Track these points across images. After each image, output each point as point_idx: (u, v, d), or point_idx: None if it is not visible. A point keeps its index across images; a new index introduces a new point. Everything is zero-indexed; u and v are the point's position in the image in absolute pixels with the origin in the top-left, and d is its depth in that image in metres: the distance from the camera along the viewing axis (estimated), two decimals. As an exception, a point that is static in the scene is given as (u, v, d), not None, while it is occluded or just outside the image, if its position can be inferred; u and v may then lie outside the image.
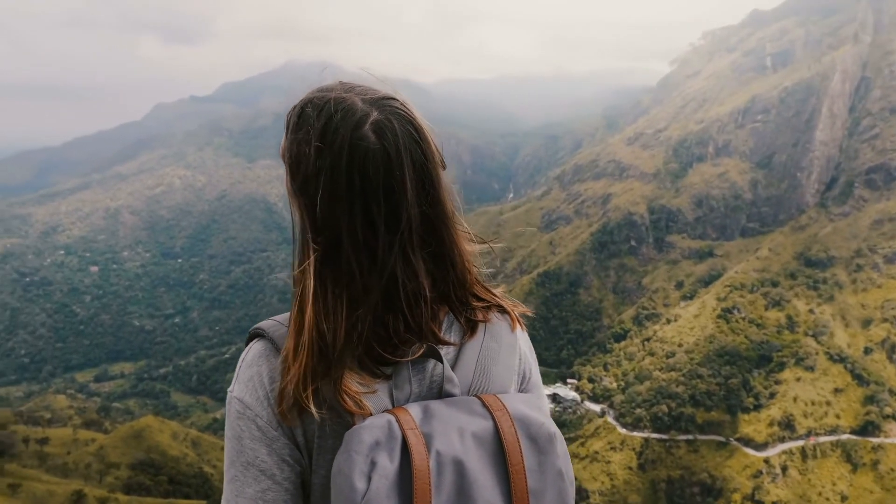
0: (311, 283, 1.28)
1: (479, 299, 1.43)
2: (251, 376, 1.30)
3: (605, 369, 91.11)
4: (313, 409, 1.22)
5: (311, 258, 1.28)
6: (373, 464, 1.12)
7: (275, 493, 1.27)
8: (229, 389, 1.33)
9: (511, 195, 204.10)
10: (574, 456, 76.39)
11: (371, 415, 1.21)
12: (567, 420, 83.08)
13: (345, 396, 1.22)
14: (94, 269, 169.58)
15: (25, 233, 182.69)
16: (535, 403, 1.30)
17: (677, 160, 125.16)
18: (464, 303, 1.39)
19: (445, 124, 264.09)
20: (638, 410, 79.56)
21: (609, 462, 74.72)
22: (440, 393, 1.29)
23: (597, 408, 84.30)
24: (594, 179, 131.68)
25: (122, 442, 56.38)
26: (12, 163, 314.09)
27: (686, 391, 79.88)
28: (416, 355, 1.28)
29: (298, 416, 1.25)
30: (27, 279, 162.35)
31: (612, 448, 76.34)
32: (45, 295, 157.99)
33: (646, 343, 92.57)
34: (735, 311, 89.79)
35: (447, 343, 1.34)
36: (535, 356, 1.54)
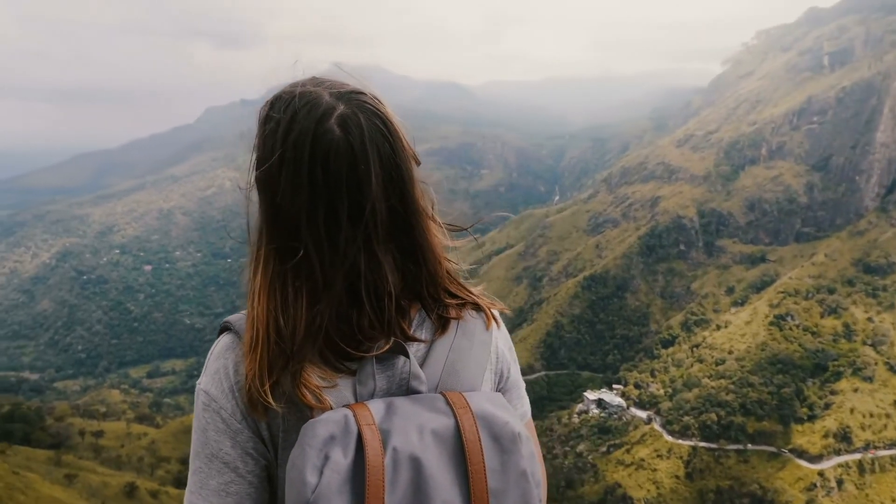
0: (263, 276, 1.27)
1: (453, 296, 1.40)
2: (217, 369, 1.29)
3: (653, 375, 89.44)
4: (271, 403, 1.21)
5: (267, 251, 1.27)
6: (326, 458, 1.11)
7: (238, 485, 1.26)
8: (198, 382, 1.32)
9: (557, 198, 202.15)
10: (619, 463, 75.28)
11: (330, 409, 1.19)
12: (612, 426, 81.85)
13: (304, 390, 1.20)
14: (148, 268, 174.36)
15: (83, 232, 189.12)
16: (502, 402, 1.26)
17: (729, 163, 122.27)
18: (436, 299, 1.37)
19: (491, 126, 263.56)
20: (686, 418, 77.86)
21: (655, 470, 73.30)
22: (408, 390, 1.26)
23: (643, 414, 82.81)
24: (642, 182, 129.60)
25: (172, 437, 57.66)
26: (71, 165, 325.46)
27: (736, 399, 77.86)
28: (382, 351, 1.26)
29: (263, 409, 1.23)
30: (84, 277, 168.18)
31: (658, 456, 74.89)
32: (101, 293, 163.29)
33: (694, 349, 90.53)
34: (789, 319, 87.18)
35: (416, 340, 1.32)
36: (514, 355, 1.51)
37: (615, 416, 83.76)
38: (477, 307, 1.43)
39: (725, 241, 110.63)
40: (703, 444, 74.77)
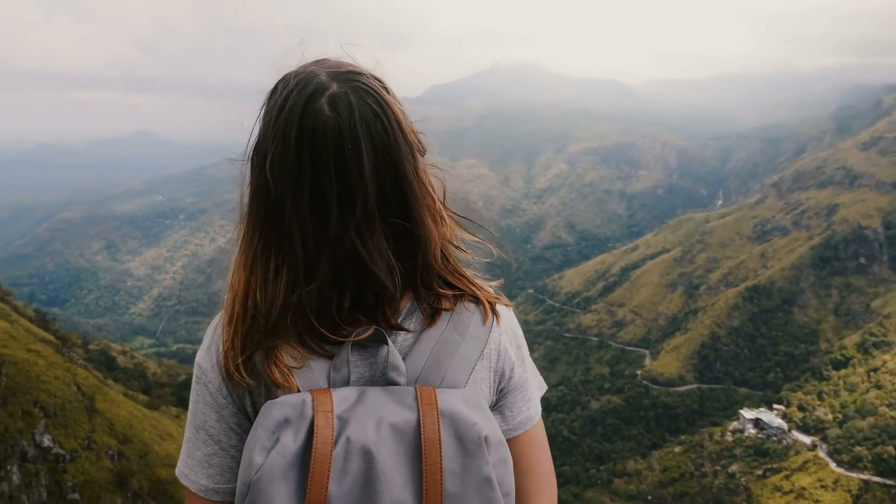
0: (245, 252, 1.26)
1: (452, 287, 1.31)
2: (210, 344, 1.30)
3: (820, 398, 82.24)
4: (243, 378, 1.20)
5: (251, 227, 1.26)
6: (277, 441, 1.09)
7: (220, 458, 1.26)
8: (196, 355, 1.33)
9: (720, 202, 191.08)
10: (776, 489, 70.06)
11: (298, 391, 1.16)
12: (770, 449, 76.28)
13: (273, 368, 1.18)
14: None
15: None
16: (478, 403, 1.18)
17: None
18: (430, 289, 1.29)
19: (651, 126, 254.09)
20: (857, 448, 70.86)
21: (818, 501, 67.33)
22: (387, 380, 1.19)
23: (807, 439, 76.38)
24: (818, 188, 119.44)
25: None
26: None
27: (921, 434, 69.78)
28: (360, 337, 1.21)
29: (240, 384, 1.22)
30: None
31: (822, 486, 68.75)
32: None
33: (872, 374, 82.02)
34: None
35: (402, 329, 1.25)
36: (524, 354, 1.38)
37: (774, 437, 78.05)
38: (477, 300, 1.32)
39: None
40: (876, 478, 67.58)
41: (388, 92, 1.27)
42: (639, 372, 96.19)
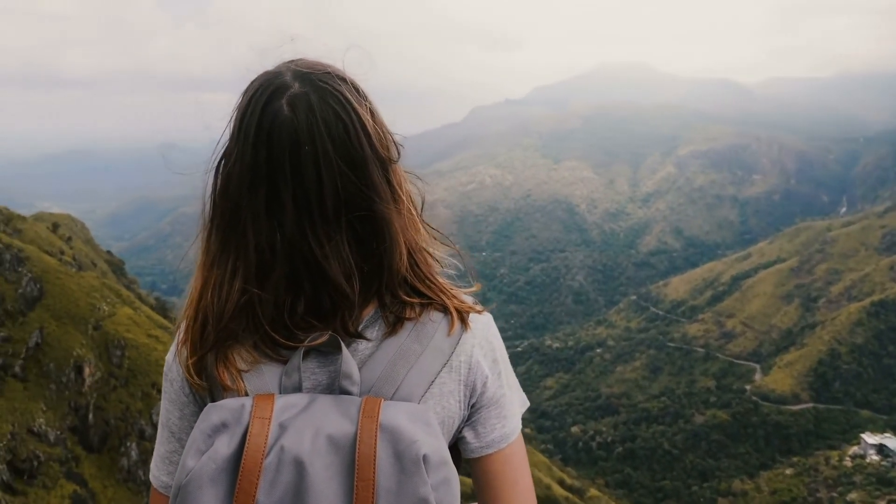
0: (204, 253, 1.25)
1: (420, 295, 1.26)
2: (178, 342, 1.28)
3: (956, 426, 75.52)
4: (193, 379, 1.20)
5: (210, 229, 1.24)
6: (212, 445, 1.07)
7: (180, 456, 1.24)
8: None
9: (844, 209, 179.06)
10: (902, 523, 64.81)
11: (245, 394, 1.15)
12: (895, 478, 70.69)
13: (223, 370, 1.17)
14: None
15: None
16: (425, 419, 1.12)
17: None
18: (394, 296, 1.24)
19: (768, 128, 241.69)
20: None
21: (950, 540, 61.68)
22: (340, 389, 1.16)
23: (939, 471, 70.20)
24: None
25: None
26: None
27: None
28: (314, 343, 1.17)
29: (199, 385, 1.21)
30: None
31: (956, 523, 62.91)
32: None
33: None
34: None
35: (360, 336, 1.20)
36: (502, 368, 1.30)
37: (901, 466, 72.29)
38: (446, 310, 1.26)
39: None
40: None
41: (357, 93, 1.22)
42: (748, 387, 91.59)
